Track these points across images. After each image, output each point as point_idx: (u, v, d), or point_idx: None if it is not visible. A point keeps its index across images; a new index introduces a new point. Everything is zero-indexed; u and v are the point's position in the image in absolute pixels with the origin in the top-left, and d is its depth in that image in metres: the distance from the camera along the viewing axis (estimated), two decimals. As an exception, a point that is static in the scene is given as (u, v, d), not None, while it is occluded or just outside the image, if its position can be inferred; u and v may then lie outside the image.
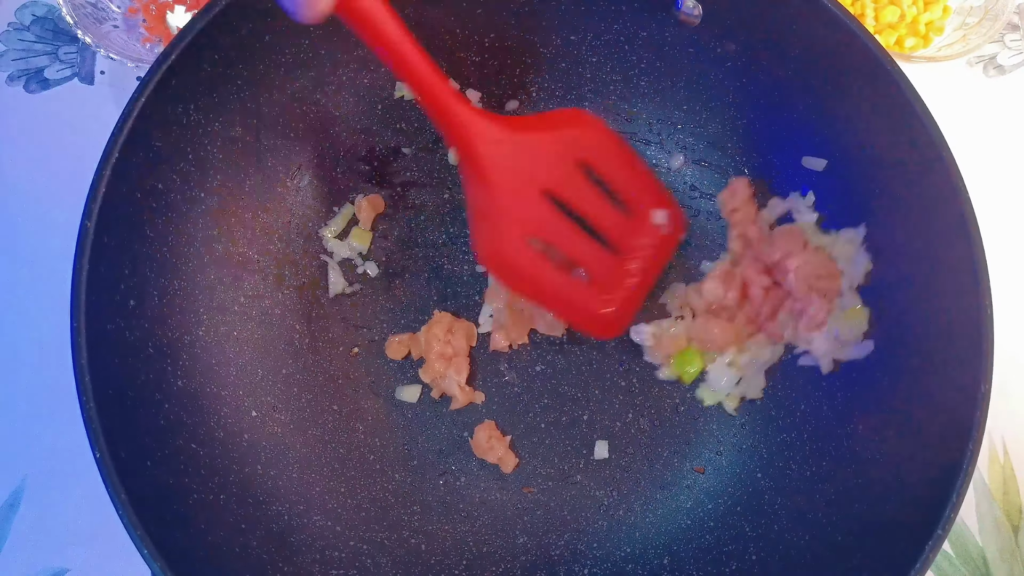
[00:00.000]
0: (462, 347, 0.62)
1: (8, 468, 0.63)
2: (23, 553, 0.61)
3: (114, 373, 0.48)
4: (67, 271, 0.48)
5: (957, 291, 0.50)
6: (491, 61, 0.64)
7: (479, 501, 0.61)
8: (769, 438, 0.59)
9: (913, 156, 0.52)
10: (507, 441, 0.62)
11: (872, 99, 0.53)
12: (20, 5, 0.74)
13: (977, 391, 0.47)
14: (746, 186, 0.62)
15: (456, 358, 0.61)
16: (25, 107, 0.71)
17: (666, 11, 0.59)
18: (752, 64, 0.59)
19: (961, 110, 0.72)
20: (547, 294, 0.56)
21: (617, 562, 0.58)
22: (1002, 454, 0.65)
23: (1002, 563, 0.62)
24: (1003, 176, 0.71)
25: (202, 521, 0.50)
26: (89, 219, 0.48)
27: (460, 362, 0.62)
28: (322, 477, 0.59)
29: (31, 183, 0.69)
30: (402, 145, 0.66)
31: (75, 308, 0.47)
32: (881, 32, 0.71)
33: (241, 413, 0.57)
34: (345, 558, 0.56)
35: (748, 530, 0.56)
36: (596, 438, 0.62)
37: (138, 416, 0.49)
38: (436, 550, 0.58)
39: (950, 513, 0.46)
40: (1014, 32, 0.75)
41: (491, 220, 0.53)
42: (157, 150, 0.52)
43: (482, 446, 0.61)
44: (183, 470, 0.51)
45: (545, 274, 0.56)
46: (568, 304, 0.57)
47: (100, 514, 0.61)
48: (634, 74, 0.64)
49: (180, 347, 0.54)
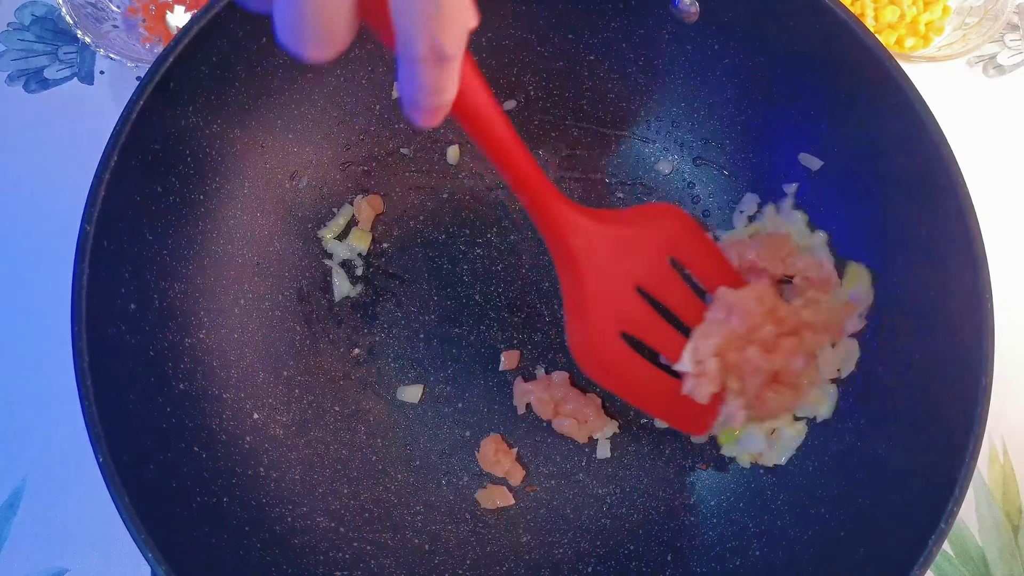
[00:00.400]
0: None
1: (8, 468, 0.63)
2: (23, 554, 0.61)
3: (115, 377, 0.48)
4: (68, 273, 0.47)
5: (957, 289, 0.50)
6: (488, 60, 0.64)
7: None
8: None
9: (913, 156, 0.52)
10: (514, 454, 0.62)
11: (872, 98, 0.53)
12: (20, 5, 0.74)
13: (978, 388, 0.47)
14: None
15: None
16: (25, 107, 0.71)
17: (663, 8, 0.58)
18: (750, 62, 0.59)
19: (961, 110, 0.72)
20: (638, 391, 0.56)
21: (620, 560, 0.58)
22: (1002, 454, 0.65)
23: (1002, 563, 0.62)
24: (1003, 175, 0.71)
25: (205, 524, 0.50)
26: (89, 223, 0.48)
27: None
28: (324, 479, 0.59)
29: (31, 183, 0.69)
30: (400, 145, 0.66)
31: (76, 312, 0.47)
32: (881, 32, 0.71)
33: (243, 415, 0.57)
34: (348, 559, 0.56)
35: (751, 526, 0.56)
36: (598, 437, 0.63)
37: (140, 420, 0.49)
38: (440, 550, 0.58)
39: (952, 507, 0.46)
40: (1014, 32, 0.75)
41: (584, 314, 0.53)
42: (156, 153, 0.51)
43: (489, 459, 0.61)
44: (185, 473, 0.51)
45: (636, 369, 0.56)
46: (658, 401, 0.57)
47: (100, 515, 0.61)
48: (631, 72, 0.64)
49: (181, 350, 0.54)
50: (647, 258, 0.55)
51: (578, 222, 0.51)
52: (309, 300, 0.63)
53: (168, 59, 0.50)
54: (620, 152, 0.67)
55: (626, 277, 0.54)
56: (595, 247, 0.52)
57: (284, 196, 0.62)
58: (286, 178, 0.62)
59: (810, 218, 0.60)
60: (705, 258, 0.58)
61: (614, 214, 0.55)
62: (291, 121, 0.60)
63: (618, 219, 0.54)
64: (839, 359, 0.57)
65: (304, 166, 0.62)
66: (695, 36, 0.59)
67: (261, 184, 0.60)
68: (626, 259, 0.54)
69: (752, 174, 0.63)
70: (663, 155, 0.66)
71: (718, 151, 0.64)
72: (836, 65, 0.54)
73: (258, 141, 0.59)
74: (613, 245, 0.53)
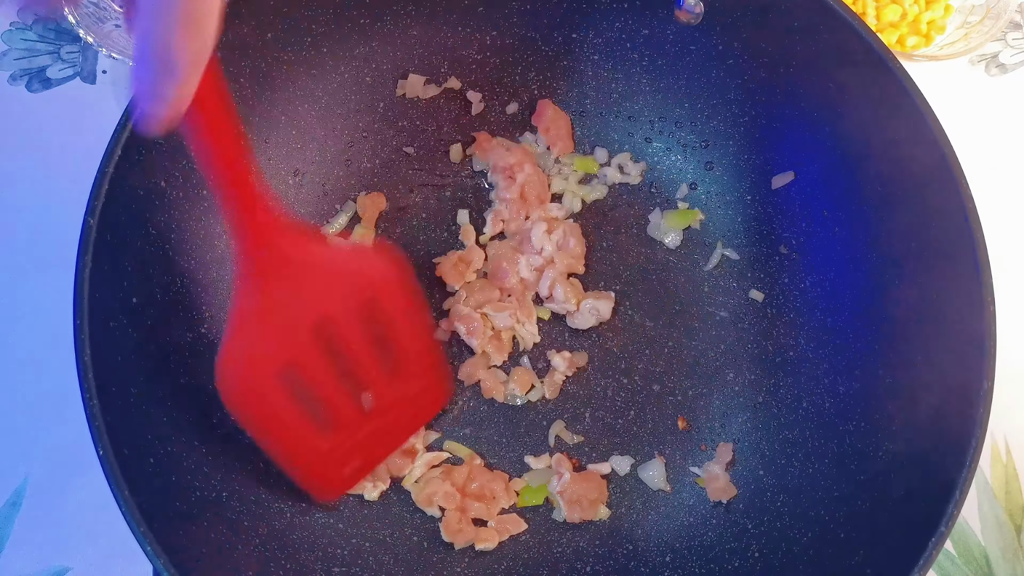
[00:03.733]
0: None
1: (10, 467, 0.63)
2: (25, 552, 0.61)
3: (117, 371, 0.48)
4: (70, 270, 0.47)
5: (959, 289, 0.50)
6: (492, 59, 0.64)
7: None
8: (771, 436, 0.59)
9: (915, 155, 0.52)
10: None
11: (875, 98, 0.53)
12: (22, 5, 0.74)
13: (980, 389, 0.47)
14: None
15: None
16: (27, 106, 0.71)
17: (667, 9, 0.59)
18: (754, 62, 0.59)
19: (963, 109, 0.72)
20: (273, 434, 0.52)
21: (619, 559, 0.58)
22: (1004, 454, 0.65)
23: (1005, 563, 0.62)
24: (1006, 175, 0.71)
25: (204, 518, 0.50)
26: (92, 216, 0.48)
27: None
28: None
29: (33, 182, 0.69)
30: (404, 144, 0.66)
31: (78, 305, 0.47)
32: (883, 31, 0.71)
33: (243, 411, 0.57)
34: (347, 555, 0.55)
35: (750, 527, 0.56)
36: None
37: (140, 414, 0.49)
38: (438, 547, 0.58)
39: (953, 510, 0.46)
40: (1016, 30, 0.75)
41: (246, 337, 0.48)
42: (159, 147, 0.51)
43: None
44: (185, 467, 0.50)
45: (281, 412, 0.51)
46: (292, 454, 0.53)
47: (102, 513, 0.61)
48: (635, 72, 0.64)
49: (183, 345, 0.54)
50: (336, 296, 0.50)
51: (279, 240, 0.47)
52: (310, 297, 0.63)
53: (171, 56, 0.50)
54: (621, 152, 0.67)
55: (307, 310, 0.49)
56: (286, 269, 0.48)
57: (287, 192, 0.62)
58: (289, 174, 0.62)
59: (810, 219, 0.60)
60: (404, 321, 0.54)
61: (322, 244, 0.51)
62: (294, 118, 0.60)
63: (324, 249, 0.50)
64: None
65: (307, 163, 0.63)
66: (699, 36, 0.59)
67: (264, 180, 0.60)
68: (313, 290, 0.49)
69: (754, 174, 0.63)
70: (665, 155, 0.66)
71: (721, 151, 0.64)
72: (838, 64, 0.55)
73: (261, 137, 0.59)
74: (305, 271, 0.49)
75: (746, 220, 0.64)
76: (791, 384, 0.60)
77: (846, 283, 0.58)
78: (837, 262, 0.59)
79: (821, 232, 0.60)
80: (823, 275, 0.60)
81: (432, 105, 0.65)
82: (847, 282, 0.58)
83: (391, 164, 0.66)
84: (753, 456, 0.60)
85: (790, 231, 0.62)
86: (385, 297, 0.52)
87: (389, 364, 0.54)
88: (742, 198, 0.64)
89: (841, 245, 0.59)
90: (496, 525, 0.58)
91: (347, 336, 0.52)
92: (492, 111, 0.66)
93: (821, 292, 0.60)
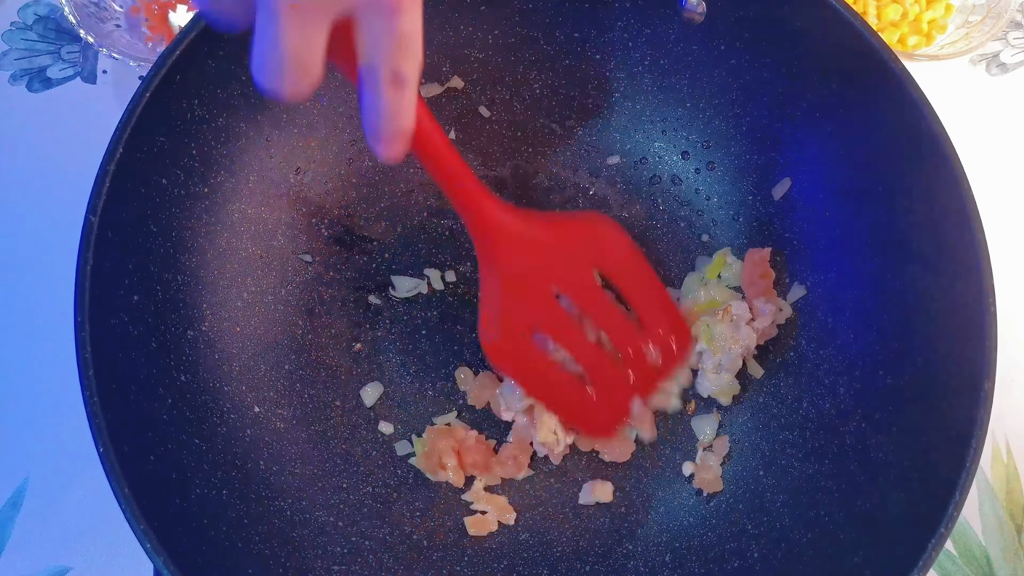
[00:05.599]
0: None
1: (11, 466, 0.63)
2: (26, 552, 0.61)
3: (117, 368, 0.48)
4: (70, 270, 0.47)
5: (960, 288, 0.50)
6: (494, 58, 0.64)
7: (481, 497, 0.61)
8: (771, 436, 0.59)
9: (916, 154, 0.52)
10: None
11: (876, 97, 0.54)
12: (23, 4, 0.75)
13: (980, 389, 0.47)
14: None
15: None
16: (28, 106, 0.72)
17: (670, 8, 0.59)
18: (756, 62, 0.59)
19: (964, 108, 0.72)
20: (542, 388, 0.58)
21: (619, 559, 0.58)
22: (1005, 453, 0.65)
23: (1006, 563, 0.62)
24: (1007, 174, 0.71)
25: (204, 516, 0.50)
26: (93, 214, 0.48)
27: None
28: (324, 473, 0.59)
29: (34, 182, 0.69)
30: (406, 142, 0.66)
31: (79, 302, 0.47)
32: (883, 30, 0.72)
33: (244, 409, 0.57)
34: (347, 553, 0.55)
35: (750, 528, 0.56)
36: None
37: (141, 411, 0.49)
38: (438, 546, 0.58)
39: (953, 511, 0.46)
40: (1017, 30, 0.75)
41: (495, 309, 0.55)
42: (161, 145, 0.52)
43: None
44: (186, 465, 0.51)
45: (542, 369, 0.58)
46: (563, 401, 0.59)
47: (103, 512, 0.61)
48: (637, 71, 0.64)
49: (183, 342, 0.54)
50: (569, 265, 0.56)
51: (502, 222, 0.53)
52: (311, 295, 0.63)
53: (176, 52, 0.50)
54: (624, 152, 0.67)
55: (543, 279, 0.56)
56: (516, 245, 0.54)
57: (289, 190, 0.62)
58: (291, 172, 0.62)
59: (811, 219, 0.60)
60: (635, 279, 0.59)
61: (544, 219, 0.56)
62: (297, 115, 0.60)
63: (546, 224, 0.56)
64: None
65: (309, 161, 0.63)
66: (702, 36, 0.59)
67: (266, 178, 0.60)
68: (546, 261, 0.55)
69: (756, 174, 0.63)
70: (667, 155, 0.66)
71: (723, 151, 0.64)
72: (839, 64, 0.55)
73: (263, 135, 0.59)
74: (534, 246, 0.54)
75: (747, 220, 0.64)
76: (791, 384, 0.60)
77: (846, 283, 0.58)
78: (837, 262, 0.59)
79: (821, 232, 0.60)
80: (823, 275, 0.60)
81: (434, 104, 0.65)
82: (847, 282, 0.58)
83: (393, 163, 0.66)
84: (753, 456, 0.59)
85: (790, 231, 0.62)
86: (612, 257, 0.58)
87: (634, 317, 0.60)
88: (743, 198, 0.64)
89: (841, 245, 0.59)
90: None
91: (588, 296, 0.57)
92: (492, 109, 0.66)
93: (821, 292, 0.60)
